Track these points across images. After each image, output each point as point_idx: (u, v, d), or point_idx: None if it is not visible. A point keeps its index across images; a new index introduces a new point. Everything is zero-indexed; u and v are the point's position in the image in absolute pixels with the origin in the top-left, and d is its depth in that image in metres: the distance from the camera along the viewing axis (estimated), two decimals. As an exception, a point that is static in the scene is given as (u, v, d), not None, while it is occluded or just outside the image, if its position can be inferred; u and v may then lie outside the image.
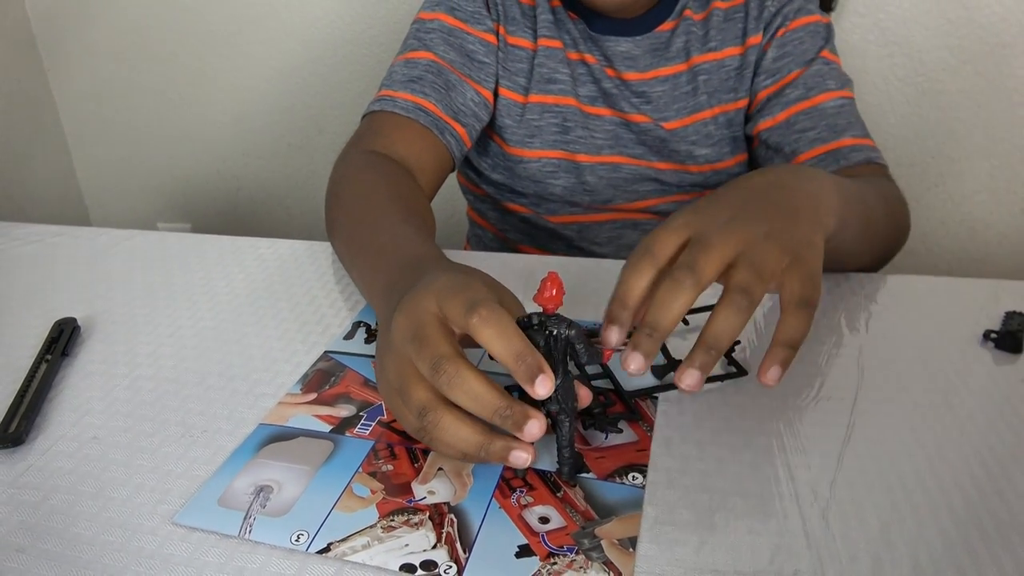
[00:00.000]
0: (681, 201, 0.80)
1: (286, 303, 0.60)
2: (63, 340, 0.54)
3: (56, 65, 1.47)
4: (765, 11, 0.73)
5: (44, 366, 0.51)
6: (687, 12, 0.75)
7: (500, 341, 0.36)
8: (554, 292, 0.39)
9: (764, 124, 0.73)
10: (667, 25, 0.75)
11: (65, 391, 0.50)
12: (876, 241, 0.63)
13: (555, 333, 0.38)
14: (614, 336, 0.41)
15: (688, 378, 0.38)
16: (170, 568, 0.36)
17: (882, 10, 1.14)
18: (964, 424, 0.45)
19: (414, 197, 0.64)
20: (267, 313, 0.59)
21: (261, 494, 0.40)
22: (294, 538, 0.37)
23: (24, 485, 0.42)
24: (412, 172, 0.69)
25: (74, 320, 0.57)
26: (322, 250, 0.69)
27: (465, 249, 0.99)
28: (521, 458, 0.37)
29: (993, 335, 0.53)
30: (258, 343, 0.55)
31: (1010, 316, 0.55)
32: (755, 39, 0.73)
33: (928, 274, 0.60)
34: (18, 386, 0.49)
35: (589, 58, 0.75)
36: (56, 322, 0.56)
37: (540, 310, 0.39)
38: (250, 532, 0.38)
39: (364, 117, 0.74)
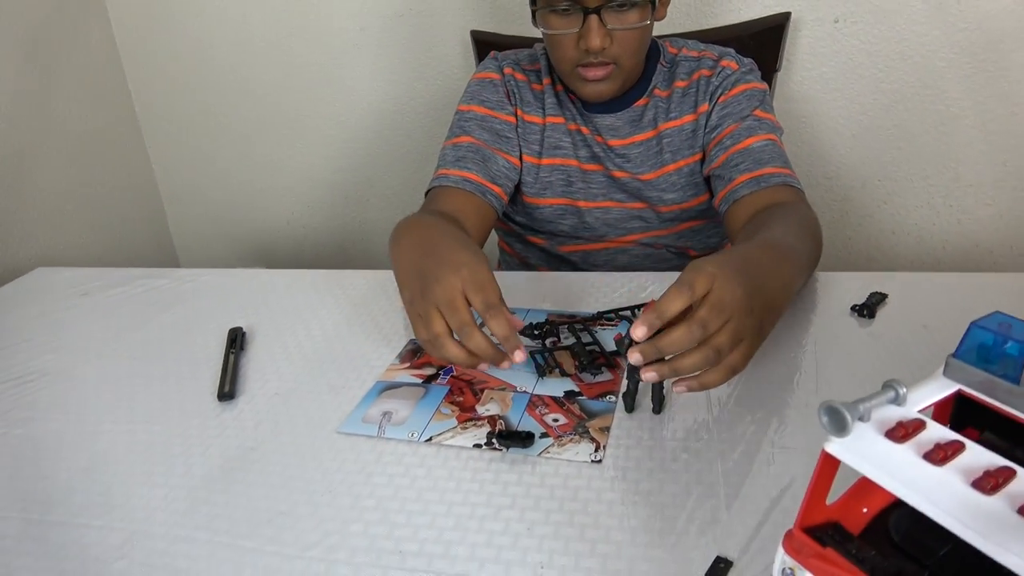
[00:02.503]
0: (659, 235, 1.06)
1: (380, 312, 0.88)
2: (239, 340, 0.82)
3: (154, 138, 1.79)
4: (711, 86, 1.00)
5: (232, 356, 0.79)
6: (656, 91, 1.02)
7: (499, 328, 0.61)
8: None
9: (711, 167, 0.98)
10: (641, 102, 1.01)
11: (248, 371, 0.78)
12: (808, 275, 0.84)
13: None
14: (641, 332, 0.56)
15: (634, 357, 0.57)
16: (344, 453, 0.63)
17: (825, 64, 1.41)
18: (822, 361, 0.70)
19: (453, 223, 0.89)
20: (369, 318, 0.86)
21: (386, 415, 0.68)
22: (410, 435, 0.64)
23: (243, 420, 0.70)
24: (459, 222, 0.93)
25: (241, 328, 0.85)
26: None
27: (497, 269, 1.27)
28: (507, 364, 0.63)
29: (857, 307, 0.79)
30: (364, 335, 0.82)
31: (872, 295, 0.81)
32: (704, 107, 1.00)
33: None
34: (219, 367, 0.77)
35: (584, 130, 1.02)
36: (230, 330, 0.85)
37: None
38: (385, 433, 0.65)
39: (426, 194, 0.99)
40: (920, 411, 0.34)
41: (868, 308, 0.78)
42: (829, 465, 0.35)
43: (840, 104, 1.43)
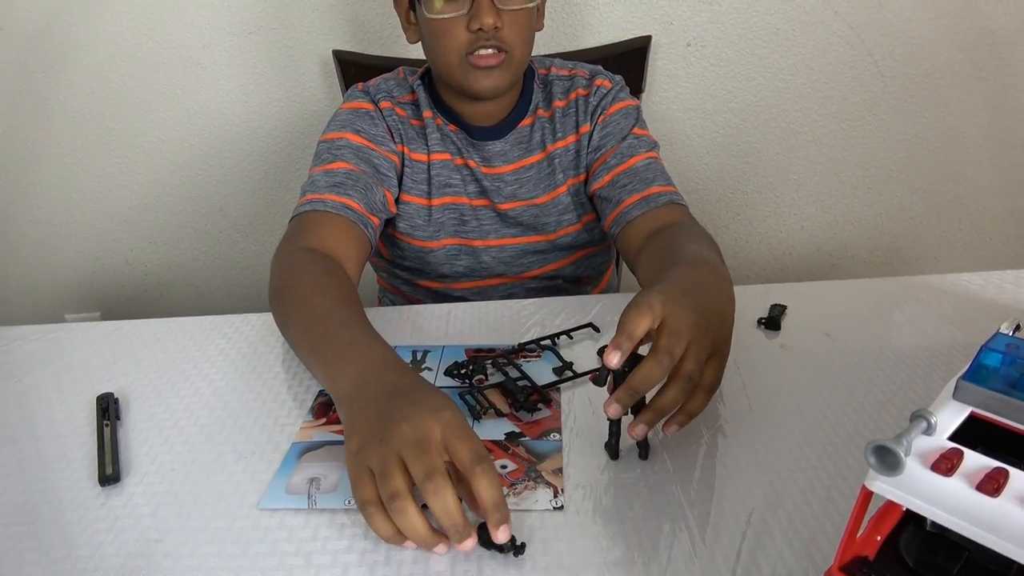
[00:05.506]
0: (556, 268, 1.05)
1: (278, 361, 0.79)
2: (112, 408, 0.70)
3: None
4: (589, 106, 1.00)
5: (107, 428, 0.67)
6: (539, 111, 1.01)
7: (490, 491, 0.50)
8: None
9: (596, 186, 0.98)
10: (526, 122, 1.00)
11: (131, 444, 0.67)
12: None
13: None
14: (615, 359, 0.55)
15: (611, 410, 0.56)
16: (273, 532, 0.55)
17: (679, 86, 1.48)
18: (745, 377, 0.72)
19: (352, 292, 0.77)
20: (267, 369, 0.77)
21: (313, 482, 0.60)
22: (347, 503, 0.58)
23: (137, 506, 0.59)
24: (341, 261, 0.82)
25: (111, 394, 0.73)
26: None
27: (378, 306, 1.20)
28: (443, 550, 0.51)
29: (763, 320, 0.82)
30: (266, 389, 0.74)
31: (774, 307, 0.84)
32: (585, 128, 1.00)
33: (740, 281, 0.84)
34: (93, 445, 0.66)
35: (471, 162, 0.98)
36: (98, 397, 0.72)
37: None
38: (315, 504, 0.58)
39: (293, 219, 0.89)
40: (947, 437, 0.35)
41: (772, 321, 0.81)
42: (867, 501, 0.34)
43: (695, 123, 1.51)
